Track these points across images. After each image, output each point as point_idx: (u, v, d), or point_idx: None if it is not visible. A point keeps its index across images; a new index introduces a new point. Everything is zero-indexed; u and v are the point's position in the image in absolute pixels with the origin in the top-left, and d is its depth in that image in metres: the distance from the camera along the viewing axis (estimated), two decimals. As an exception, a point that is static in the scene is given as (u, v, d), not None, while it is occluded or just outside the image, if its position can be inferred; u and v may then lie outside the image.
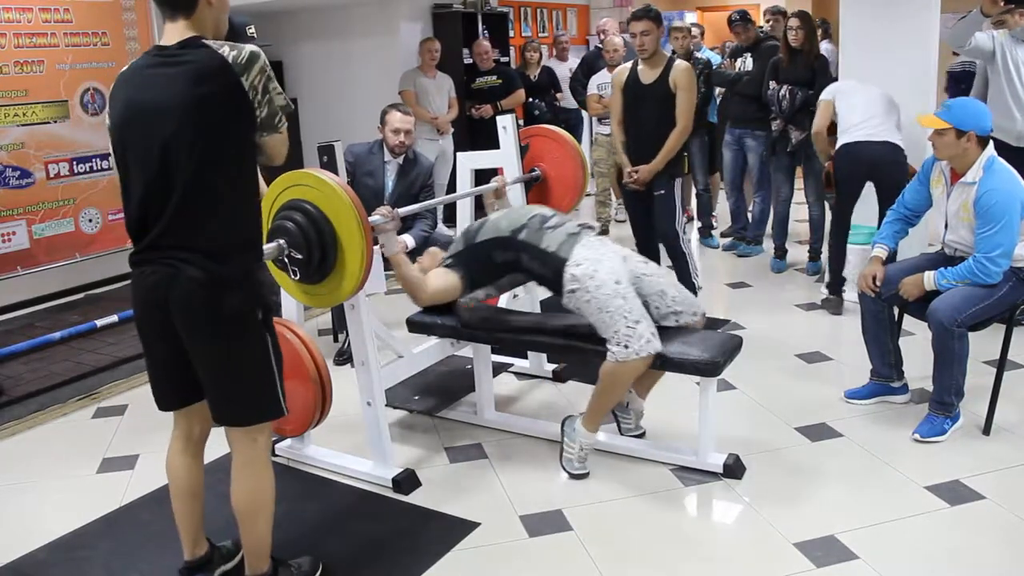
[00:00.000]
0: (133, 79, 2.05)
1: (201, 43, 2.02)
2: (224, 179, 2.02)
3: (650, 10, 4.19)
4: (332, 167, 2.80)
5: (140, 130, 2.02)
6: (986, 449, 3.09)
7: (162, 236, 2.04)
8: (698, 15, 11.84)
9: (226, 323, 2.06)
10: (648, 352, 2.80)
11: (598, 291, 2.83)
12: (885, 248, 3.39)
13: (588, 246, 2.96)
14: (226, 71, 1.97)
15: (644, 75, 4.25)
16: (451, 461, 3.22)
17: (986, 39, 4.21)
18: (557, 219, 3.07)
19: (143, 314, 2.14)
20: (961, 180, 3.13)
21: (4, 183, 4.68)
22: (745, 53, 5.77)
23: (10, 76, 4.66)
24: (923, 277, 3.15)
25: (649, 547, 2.61)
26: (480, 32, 7.63)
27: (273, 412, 2.20)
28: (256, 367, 2.14)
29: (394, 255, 2.96)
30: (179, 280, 2.03)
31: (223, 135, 2.00)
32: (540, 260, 2.99)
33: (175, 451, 2.32)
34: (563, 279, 2.91)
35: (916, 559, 2.48)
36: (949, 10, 5.03)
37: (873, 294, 3.29)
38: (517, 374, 3.99)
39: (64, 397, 3.95)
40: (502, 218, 3.14)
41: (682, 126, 4.21)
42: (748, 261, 5.91)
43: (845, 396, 3.54)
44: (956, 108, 3.13)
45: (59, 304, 5.23)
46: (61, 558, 2.69)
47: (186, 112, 1.96)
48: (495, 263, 3.07)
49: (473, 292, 3.12)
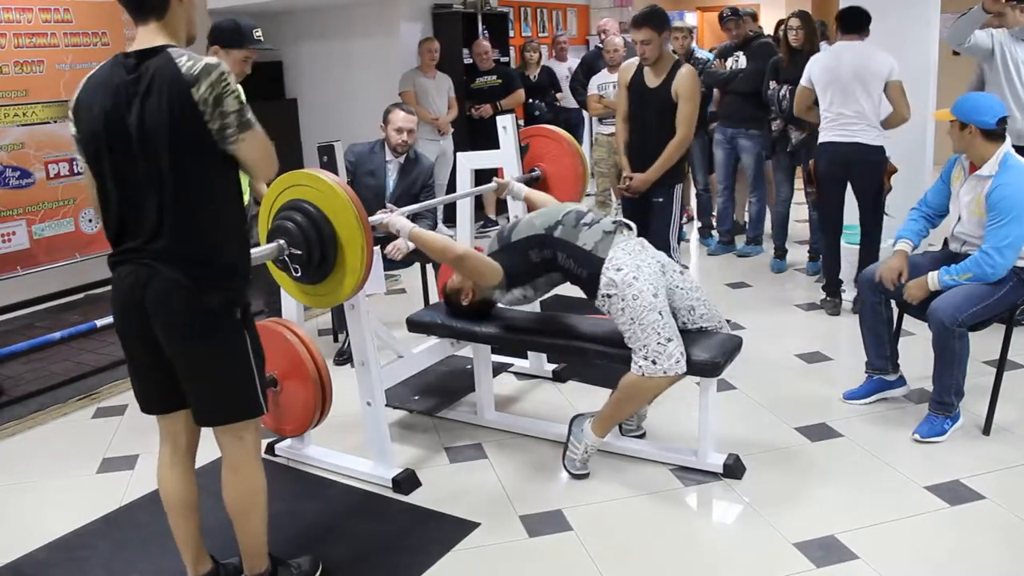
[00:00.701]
0: (103, 88, 2.03)
1: (162, 51, 1.99)
2: (195, 189, 1.99)
3: (650, 16, 3.98)
4: (332, 167, 2.80)
5: (111, 142, 2.01)
6: (986, 449, 3.09)
7: (140, 243, 2.04)
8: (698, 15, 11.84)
9: (203, 323, 2.06)
10: (675, 372, 2.76)
11: (634, 301, 2.77)
12: (909, 242, 3.36)
13: (627, 249, 2.89)
14: (179, 82, 1.94)
15: (649, 78, 4.14)
16: (451, 461, 3.22)
17: (985, 37, 4.20)
18: (592, 215, 3.00)
19: (122, 316, 2.14)
20: (976, 173, 3.16)
21: (4, 183, 4.68)
22: (736, 52, 5.76)
23: (10, 76, 4.66)
24: (927, 279, 3.15)
25: (649, 547, 2.61)
26: (480, 32, 7.63)
27: (253, 410, 2.19)
28: (234, 366, 2.13)
29: (412, 233, 2.94)
30: (156, 280, 2.03)
31: (185, 147, 1.97)
32: (576, 258, 2.91)
33: (163, 464, 2.29)
34: (599, 282, 2.85)
35: (916, 559, 2.48)
36: (949, 10, 5.03)
37: (894, 287, 3.27)
38: (517, 374, 3.99)
39: (64, 397, 3.95)
40: (536, 216, 3.08)
41: (681, 135, 4.07)
42: (748, 261, 5.91)
43: (844, 398, 3.54)
44: (961, 102, 3.19)
45: (59, 304, 5.23)
46: (61, 558, 2.69)
47: (150, 125, 1.95)
48: (532, 262, 2.99)
49: (511, 291, 3.04)
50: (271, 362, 2.88)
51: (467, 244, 3.80)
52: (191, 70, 1.94)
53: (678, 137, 4.08)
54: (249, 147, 2.02)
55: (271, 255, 2.56)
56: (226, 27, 3.33)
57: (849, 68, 4.35)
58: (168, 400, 2.22)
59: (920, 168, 4.99)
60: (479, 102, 7.00)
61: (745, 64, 5.69)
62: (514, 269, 3.01)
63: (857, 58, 4.35)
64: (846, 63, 4.37)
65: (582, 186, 3.82)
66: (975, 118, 3.10)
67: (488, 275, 2.98)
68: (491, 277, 2.98)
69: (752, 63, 5.64)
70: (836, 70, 4.40)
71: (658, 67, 4.09)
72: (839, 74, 4.38)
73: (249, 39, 3.33)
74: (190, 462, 2.31)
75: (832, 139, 4.44)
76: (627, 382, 2.83)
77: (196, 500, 2.31)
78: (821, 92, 4.49)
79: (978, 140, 3.11)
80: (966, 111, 3.13)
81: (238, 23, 3.34)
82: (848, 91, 4.35)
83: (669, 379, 2.78)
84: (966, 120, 3.11)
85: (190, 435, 2.29)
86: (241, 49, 3.32)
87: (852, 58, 4.36)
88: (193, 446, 2.31)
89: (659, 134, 4.10)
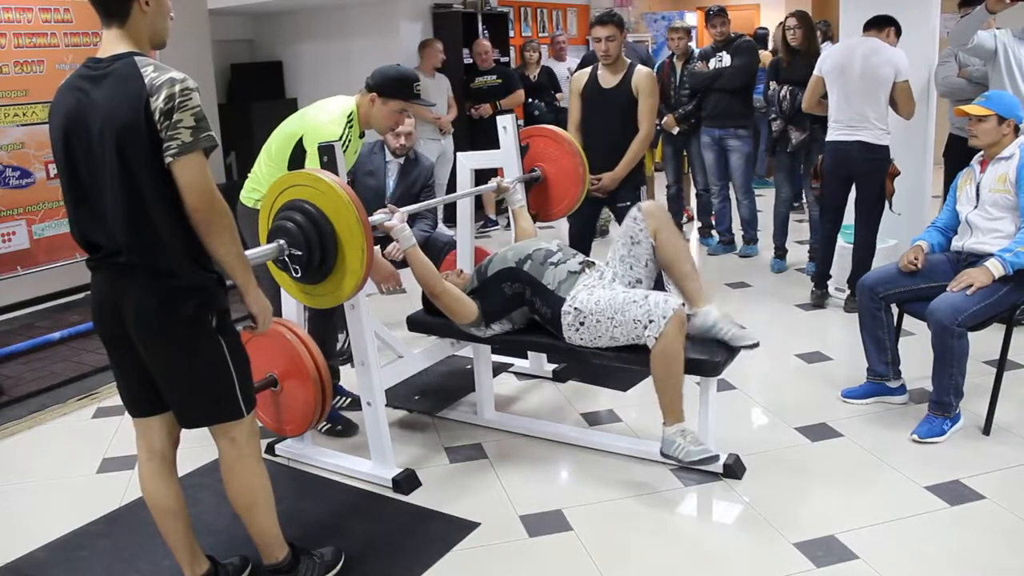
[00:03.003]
0: (69, 92, 2.02)
1: (127, 58, 1.97)
2: (157, 200, 1.97)
3: (614, 15, 4.16)
4: (332, 167, 2.80)
5: (71, 148, 2.01)
6: (986, 449, 3.09)
7: (108, 251, 2.04)
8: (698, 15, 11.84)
9: (176, 331, 2.06)
10: (672, 309, 2.74)
11: (597, 306, 2.86)
12: (926, 242, 3.41)
13: (589, 287, 2.97)
14: (140, 91, 1.92)
15: (604, 80, 4.21)
16: (451, 461, 3.22)
17: (988, 38, 4.21)
18: (561, 255, 3.07)
19: (100, 321, 2.15)
20: (999, 156, 3.26)
21: (4, 183, 4.68)
22: (720, 52, 5.74)
23: (10, 76, 4.66)
24: (988, 267, 3.10)
25: (649, 547, 2.61)
26: (480, 32, 7.64)
27: (231, 414, 2.19)
28: (211, 372, 2.13)
29: (409, 249, 2.97)
30: (129, 289, 2.04)
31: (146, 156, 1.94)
32: (541, 296, 3.00)
33: (143, 469, 2.29)
34: (561, 320, 2.93)
35: (916, 559, 2.48)
36: (949, 10, 5.03)
37: (913, 268, 3.30)
38: (517, 374, 3.99)
39: (64, 397, 3.96)
40: (509, 250, 3.15)
41: (644, 132, 4.17)
42: (748, 261, 5.91)
43: (842, 396, 3.54)
44: (996, 98, 3.33)
45: (59, 304, 5.24)
46: (61, 558, 2.69)
47: (111, 133, 1.94)
48: (506, 296, 3.07)
49: (490, 327, 3.11)
50: (271, 362, 2.89)
51: (467, 245, 3.81)
52: (154, 80, 1.93)
53: (642, 133, 4.17)
54: (184, 169, 1.94)
55: (271, 255, 2.56)
56: (390, 76, 3.14)
57: (860, 63, 4.37)
58: (145, 404, 2.23)
59: (920, 168, 4.99)
60: (479, 102, 7.00)
61: (730, 62, 5.68)
62: (492, 305, 3.09)
63: (869, 53, 4.37)
64: (858, 57, 4.39)
65: (582, 186, 3.82)
66: (1017, 113, 3.26)
67: (460, 314, 3.07)
68: (463, 316, 3.07)
69: (737, 59, 5.64)
70: (847, 63, 4.42)
71: (615, 67, 4.19)
72: (849, 68, 4.40)
73: (410, 95, 3.16)
74: (169, 467, 2.30)
75: (836, 138, 4.46)
76: (654, 359, 2.79)
77: (181, 502, 2.31)
78: (830, 86, 4.51)
79: (1011, 134, 3.27)
80: (1010, 107, 3.27)
81: (404, 75, 3.17)
82: (855, 87, 4.37)
83: (674, 320, 2.73)
84: (1008, 115, 3.24)
85: (166, 440, 2.28)
86: (398, 101, 3.15)
87: (864, 53, 4.39)
88: (170, 451, 2.30)
89: (624, 132, 4.17)
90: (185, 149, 1.94)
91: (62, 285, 5.15)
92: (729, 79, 5.65)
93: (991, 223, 3.24)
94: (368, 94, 3.14)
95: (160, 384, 2.15)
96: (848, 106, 4.39)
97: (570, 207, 3.88)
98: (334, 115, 3.11)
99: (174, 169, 1.95)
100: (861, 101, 4.36)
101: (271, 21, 8.05)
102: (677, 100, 6.03)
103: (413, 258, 2.99)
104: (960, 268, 3.25)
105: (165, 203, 1.98)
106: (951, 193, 3.46)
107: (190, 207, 1.97)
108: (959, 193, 3.41)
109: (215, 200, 1.99)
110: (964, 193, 3.38)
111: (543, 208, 3.89)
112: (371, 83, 3.14)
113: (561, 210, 3.90)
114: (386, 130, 3.38)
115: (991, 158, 3.30)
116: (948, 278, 3.20)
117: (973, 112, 3.29)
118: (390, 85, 3.13)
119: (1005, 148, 3.26)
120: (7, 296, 4.89)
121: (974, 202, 3.32)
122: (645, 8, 11.34)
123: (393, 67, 3.22)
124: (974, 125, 3.30)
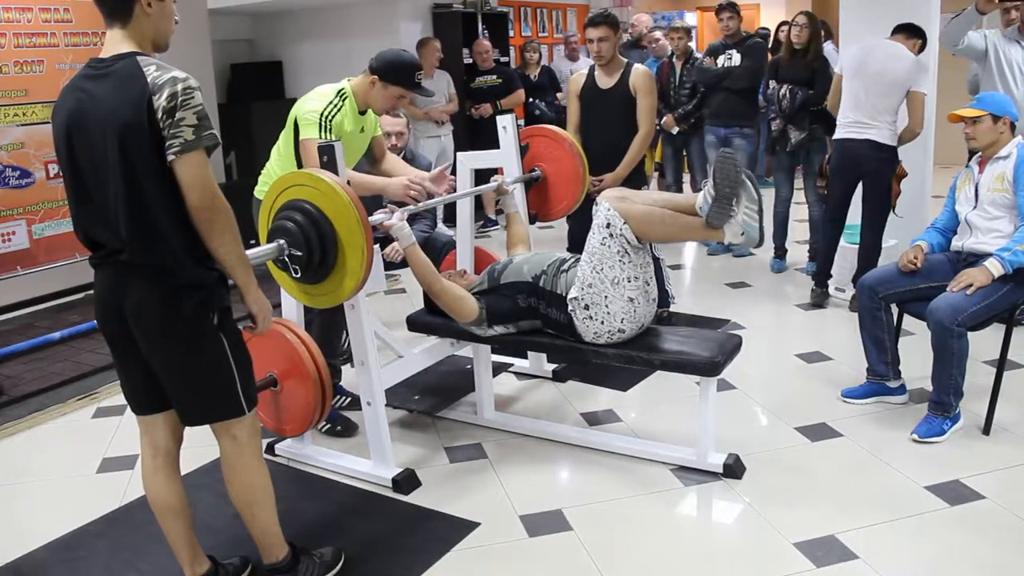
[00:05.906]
0: (72, 92, 2.03)
1: (129, 58, 1.98)
2: (159, 198, 1.98)
3: (607, 16, 4.15)
4: (332, 167, 2.80)
5: (73, 147, 2.02)
6: (986, 449, 3.09)
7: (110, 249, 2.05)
8: (698, 15, 11.85)
9: (178, 329, 2.07)
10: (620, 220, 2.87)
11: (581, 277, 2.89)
12: (925, 242, 3.43)
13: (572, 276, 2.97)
14: (143, 90, 1.93)
15: (601, 80, 4.22)
16: (451, 461, 3.22)
17: (979, 38, 4.21)
18: (573, 260, 3.07)
19: (103, 319, 2.16)
20: (996, 155, 3.28)
21: (4, 183, 4.68)
22: (730, 50, 5.72)
23: (10, 76, 4.66)
24: (987, 266, 3.11)
25: (649, 547, 2.61)
26: (480, 32, 7.64)
27: (233, 411, 2.20)
28: (212, 370, 2.14)
29: (409, 248, 2.97)
30: (131, 287, 2.05)
31: (148, 154, 1.95)
32: (555, 306, 2.99)
33: (146, 468, 2.30)
34: (574, 318, 2.93)
35: (916, 559, 2.48)
36: (948, 10, 5.03)
37: (912, 268, 3.31)
38: (517, 374, 3.99)
39: (64, 397, 3.95)
40: (525, 263, 3.14)
41: (644, 131, 4.17)
42: (748, 261, 5.91)
43: (842, 395, 3.54)
44: (987, 98, 3.38)
45: (59, 304, 5.24)
46: (61, 558, 2.69)
47: (113, 132, 1.94)
48: (519, 306, 3.08)
49: (492, 327, 3.10)
50: (271, 362, 2.89)
51: (467, 245, 3.80)
52: (157, 79, 1.94)
53: (642, 132, 4.18)
54: (186, 167, 1.96)
55: (271, 255, 2.56)
56: (393, 62, 3.14)
57: (878, 63, 4.36)
58: (148, 401, 2.23)
59: (921, 168, 4.99)
60: (479, 102, 7.00)
61: (739, 61, 5.67)
62: (500, 308, 3.09)
63: (891, 56, 4.36)
64: (878, 57, 4.38)
65: (582, 186, 3.82)
66: (1009, 111, 3.30)
67: (460, 313, 3.06)
68: (464, 315, 3.06)
69: (747, 59, 5.63)
70: (866, 61, 4.41)
71: (611, 67, 4.20)
72: (867, 66, 4.39)
73: (411, 84, 3.16)
74: (172, 465, 2.31)
75: (846, 135, 4.45)
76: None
77: (183, 502, 2.31)
78: (846, 82, 4.49)
79: (1007, 132, 3.30)
80: (1002, 105, 3.32)
81: (406, 62, 3.17)
82: (870, 85, 4.35)
83: None
84: (1001, 113, 3.28)
85: (169, 437, 2.29)
86: (398, 87, 3.15)
87: (886, 55, 4.38)
88: (173, 449, 2.31)
89: (624, 131, 4.17)
90: (187, 147, 1.95)
91: (62, 285, 5.15)
92: (737, 79, 5.63)
93: (990, 223, 3.24)
94: (370, 76, 3.16)
95: (163, 382, 2.16)
96: (861, 104, 4.38)
97: (570, 207, 3.89)
98: (320, 93, 3.15)
99: (176, 167, 1.96)
100: (874, 100, 4.34)
101: (271, 21, 8.05)
102: (676, 100, 6.03)
103: (413, 257, 2.99)
104: (960, 268, 3.25)
105: (167, 201, 1.99)
106: (950, 193, 3.47)
107: (192, 205, 1.98)
108: (958, 193, 3.42)
109: (217, 198, 2.00)
110: (963, 193, 3.38)
111: (543, 208, 3.90)
112: (374, 65, 3.15)
113: (561, 210, 3.90)
114: (383, 111, 3.40)
115: (989, 158, 3.31)
116: (948, 278, 3.20)
117: (967, 115, 3.30)
118: (392, 72, 3.14)
119: (1003, 147, 3.28)
120: (7, 296, 4.88)
121: (973, 202, 3.32)
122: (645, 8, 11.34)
123: (396, 52, 3.22)
124: (970, 127, 3.31)
